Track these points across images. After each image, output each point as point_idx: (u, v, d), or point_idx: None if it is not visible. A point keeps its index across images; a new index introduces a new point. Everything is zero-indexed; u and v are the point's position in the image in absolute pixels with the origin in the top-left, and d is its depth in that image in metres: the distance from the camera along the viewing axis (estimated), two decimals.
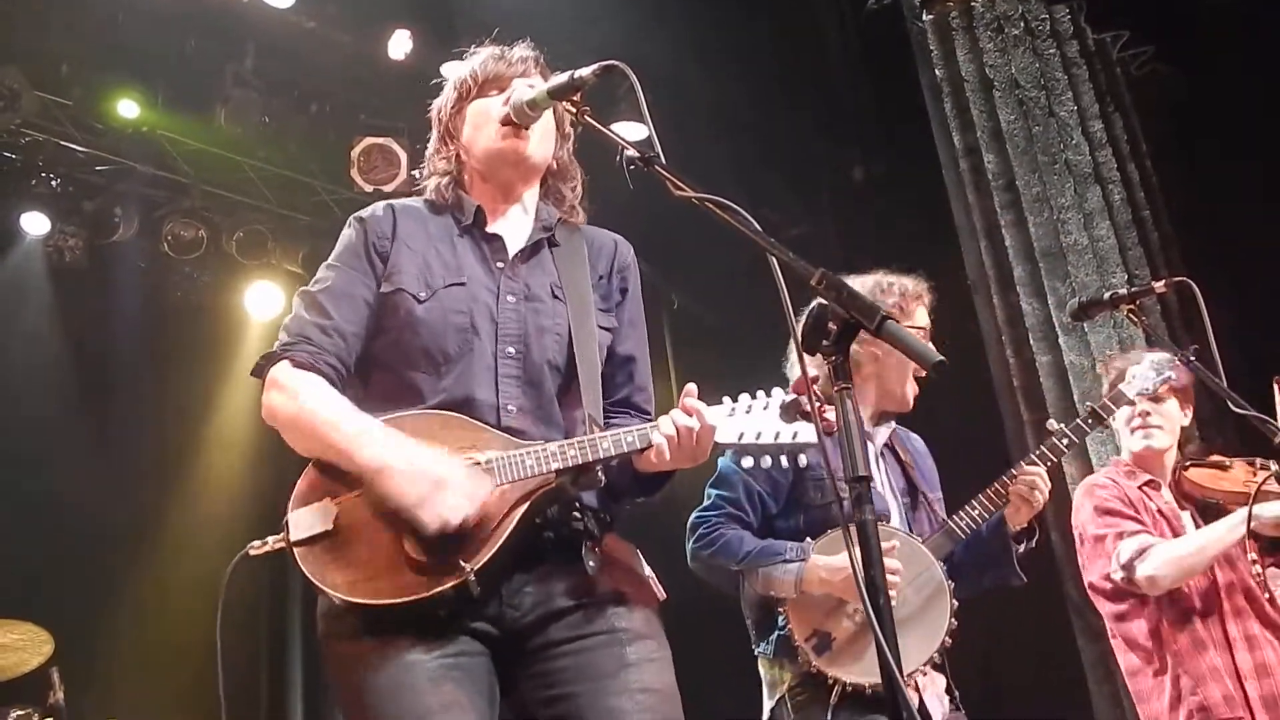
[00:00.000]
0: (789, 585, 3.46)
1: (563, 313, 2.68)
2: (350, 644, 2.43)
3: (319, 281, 2.69)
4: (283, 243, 8.87)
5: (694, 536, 3.64)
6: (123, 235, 8.40)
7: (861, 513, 2.01)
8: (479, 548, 2.38)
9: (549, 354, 2.64)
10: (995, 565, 3.69)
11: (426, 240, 2.72)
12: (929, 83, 7.67)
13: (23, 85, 7.29)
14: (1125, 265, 6.92)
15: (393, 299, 2.63)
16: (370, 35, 7.89)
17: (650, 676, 2.48)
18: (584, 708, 2.41)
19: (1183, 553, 3.93)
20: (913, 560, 3.47)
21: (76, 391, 8.51)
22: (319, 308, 2.63)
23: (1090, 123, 7.26)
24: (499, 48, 2.84)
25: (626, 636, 2.50)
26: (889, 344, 2.00)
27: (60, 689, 5.71)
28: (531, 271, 2.73)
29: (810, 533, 3.54)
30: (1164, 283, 3.96)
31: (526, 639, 2.48)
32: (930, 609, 3.45)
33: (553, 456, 2.46)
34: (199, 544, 8.34)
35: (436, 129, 2.89)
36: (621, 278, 2.86)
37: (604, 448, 2.47)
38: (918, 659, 3.37)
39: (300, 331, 2.60)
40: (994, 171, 7.27)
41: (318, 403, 2.51)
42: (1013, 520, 3.62)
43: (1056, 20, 7.48)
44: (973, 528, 3.59)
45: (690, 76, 7.88)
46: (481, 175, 2.80)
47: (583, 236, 2.86)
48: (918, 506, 3.73)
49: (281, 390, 2.55)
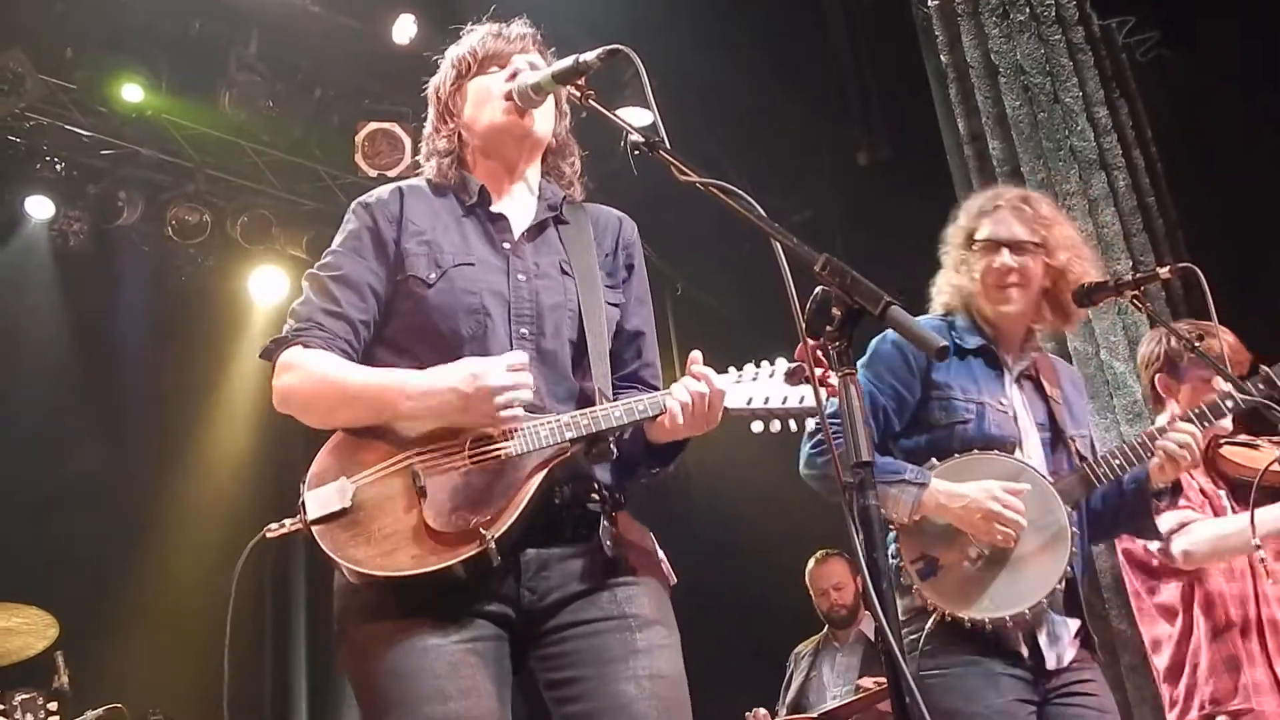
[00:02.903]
0: (904, 508, 3.28)
1: (572, 289, 2.69)
2: (368, 624, 2.43)
3: (328, 267, 2.68)
4: (287, 227, 8.88)
5: (812, 442, 3.42)
6: (127, 219, 8.41)
7: (865, 498, 2.01)
8: (498, 516, 2.39)
9: (562, 331, 2.65)
10: (1130, 519, 3.58)
11: (434, 221, 2.70)
12: (934, 68, 7.64)
13: (27, 69, 7.29)
14: (1130, 251, 6.89)
15: (404, 285, 2.63)
16: (375, 19, 7.88)
17: (659, 663, 2.49)
18: (591, 692, 2.43)
19: (1222, 532, 3.92)
20: (1039, 503, 3.33)
21: (81, 376, 8.53)
22: (329, 294, 2.63)
23: (1095, 109, 7.23)
24: (496, 25, 2.83)
25: (636, 623, 2.51)
26: (893, 330, 2.01)
27: (65, 673, 5.73)
28: (539, 250, 2.73)
29: (934, 454, 3.40)
30: (1169, 269, 3.94)
31: (540, 621, 2.49)
32: (1047, 553, 3.31)
33: (567, 426, 2.48)
34: (204, 528, 8.37)
35: (435, 107, 2.87)
36: (627, 254, 2.87)
37: (617, 415, 2.49)
38: (1024, 602, 3.24)
39: (310, 317, 2.61)
40: (999, 157, 7.25)
41: (344, 370, 2.53)
42: (1157, 477, 3.45)
43: (1062, 6, 7.44)
44: (1110, 478, 3.46)
45: (695, 62, 7.87)
46: (483, 152, 2.79)
47: (587, 214, 2.86)
48: (1058, 444, 3.56)
49: (296, 370, 2.56)
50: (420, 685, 2.34)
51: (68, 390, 8.36)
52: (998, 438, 3.42)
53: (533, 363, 2.57)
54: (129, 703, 5.92)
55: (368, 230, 2.69)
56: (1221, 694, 3.85)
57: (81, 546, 7.69)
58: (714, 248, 8.14)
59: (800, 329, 2.10)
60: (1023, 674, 3.25)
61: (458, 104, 2.81)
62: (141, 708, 6.19)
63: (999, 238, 3.54)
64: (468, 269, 2.63)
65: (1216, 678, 3.87)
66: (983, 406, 3.44)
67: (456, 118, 2.81)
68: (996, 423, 3.44)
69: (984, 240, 3.55)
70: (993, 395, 3.48)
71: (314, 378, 2.52)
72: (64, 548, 7.55)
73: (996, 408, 3.46)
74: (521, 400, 2.43)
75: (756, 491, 7.76)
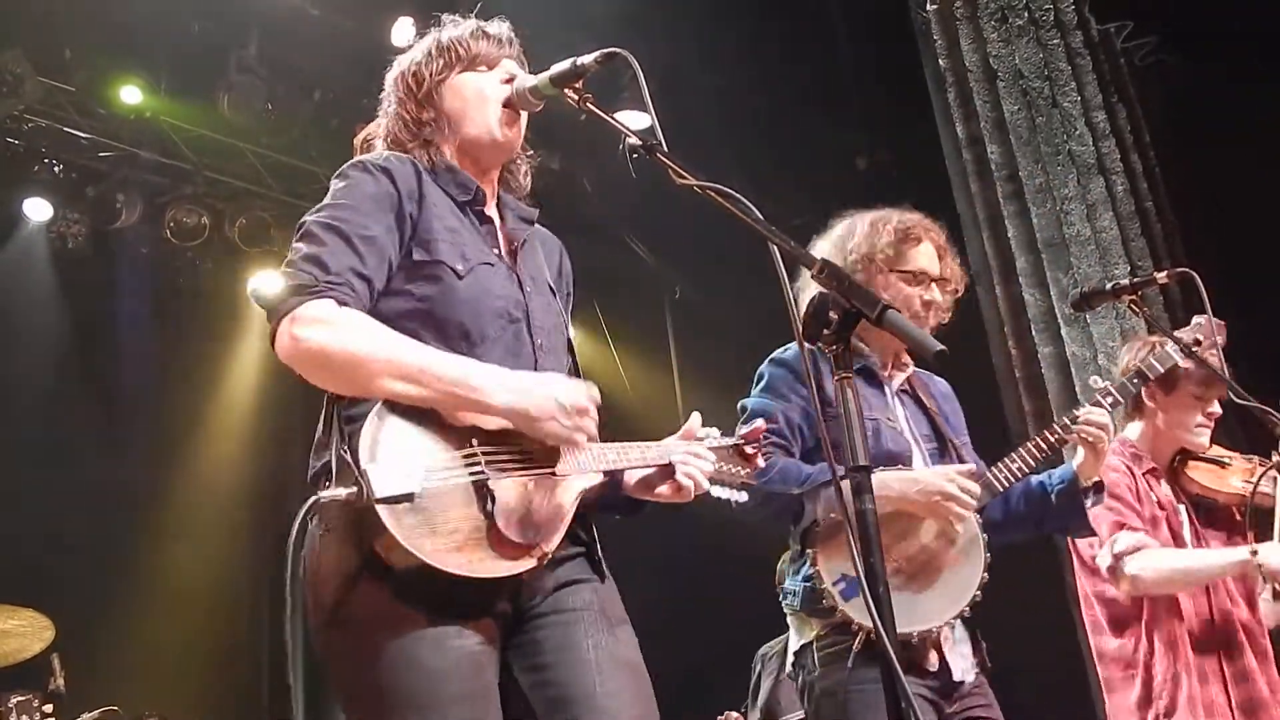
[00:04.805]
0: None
1: (558, 306, 2.70)
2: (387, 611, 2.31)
3: (352, 223, 2.44)
4: (285, 230, 8.87)
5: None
6: (125, 221, 8.42)
7: (861, 502, 2.01)
8: (552, 533, 2.39)
9: (558, 347, 2.65)
10: (1060, 518, 3.52)
11: (448, 208, 2.60)
12: (933, 72, 7.66)
13: (26, 70, 7.30)
14: (1128, 256, 6.91)
15: (430, 269, 2.48)
16: (374, 22, 7.87)
17: (631, 653, 2.51)
18: (563, 680, 2.42)
19: (1175, 565, 3.86)
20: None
21: (79, 377, 8.53)
22: (358, 253, 2.41)
23: (1094, 113, 7.25)
24: (477, 23, 2.75)
25: (611, 615, 2.53)
26: (890, 333, 2.01)
27: (61, 675, 5.73)
28: (526, 262, 2.69)
29: None
30: (1166, 274, 3.94)
31: (526, 615, 2.49)
32: (962, 563, 3.29)
33: (599, 458, 2.49)
34: (201, 530, 8.38)
35: (414, 89, 2.72)
36: (568, 281, 2.86)
37: (634, 456, 2.53)
38: (942, 615, 3.23)
39: (344, 271, 2.37)
40: (997, 162, 7.27)
41: (400, 339, 2.36)
42: (1083, 472, 3.42)
43: (1060, 11, 7.46)
44: (1012, 480, 3.44)
45: (693, 65, 7.88)
46: (461, 150, 2.70)
47: (536, 233, 2.81)
48: (945, 453, 3.54)
49: (332, 326, 2.31)
50: (448, 685, 2.30)
51: (65, 392, 8.36)
52: (894, 453, 3.40)
53: None
54: (125, 705, 5.92)
55: (389, 196, 2.50)
56: (1174, 708, 3.77)
57: (78, 549, 7.69)
58: (712, 252, 8.14)
59: (797, 334, 2.10)
60: (928, 693, 3.20)
61: (442, 94, 2.70)
62: (137, 710, 6.18)
63: (930, 272, 3.55)
64: (488, 269, 2.56)
65: (1169, 691, 3.78)
66: (876, 423, 3.42)
67: (437, 107, 2.70)
68: (891, 438, 3.42)
69: (913, 270, 3.54)
70: (882, 412, 3.47)
71: (362, 338, 2.31)
72: (61, 550, 7.54)
73: (888, 424, 3.45)
74: (590, 431, 2.43)
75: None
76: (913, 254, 3.55)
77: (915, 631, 3.18)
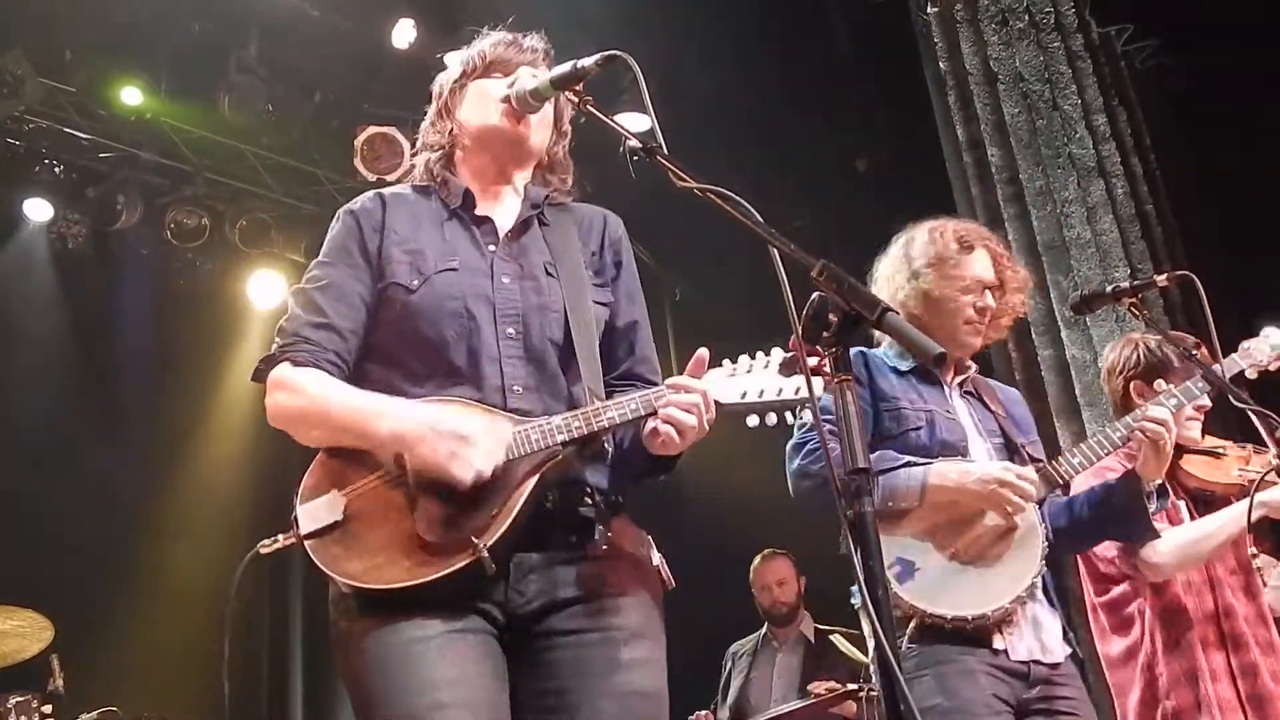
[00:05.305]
0: (913, 493, 3.26)
1: (557, 290, 2.67)
2: (357, 620, 2.42)
3: (313, 280, 2.66)
4: (285, 231, 8.89)
5: (800, 454, 3.38)
6: (126, 222, 8.42)
7: (860, 505, 2.01)
8: (490, 523, 2.38)
9: (549, 332, 2.63)
10: (1122, 522, 3.55)
11: (416, 227, 2.70)
12: (933, 75, 7.66)
13: (26, 71, 7.30)
14: (1128, 259, 6.91)
15: (387, 293, 2.62)
16: (374, 23, 7.89)
17: (641, 679, 2.48)
18: (572, 705, 2.41)
19: (1188, 539, 3.87)
20: None
21: (79, 379, 8.53)
22: (314, 306, 2.61)
23: (1094, 116, 7.25)
24: (511, 34, 2.84)
25: (623, 636, 2.48)
26: (889, 335, 2.01)
27: (60, 676, 5.73)
28: (524, 251, 2.71)
29: None
30: (1166, 277, 3.94)
31: (525, 626, 2.47)
32: (1019, 550, 3.30)
33: (557, 429, 2.46)
34: (201, 531, 8.37)
35: (435, 103, 2.87)
36: (614, 251, 2.85)
37: (609, 416, 2.48)
38: (1004, 597, 3.23)
39: (297, 331, 2.59)
40: (997, 165, 7.26)
41: (327, 391, 2.52)
42: (1145, 473, 3.44)
43: (1061, 14, 7.46)
44: (1071, 474, 3.45)
45: (693, 68, 7.88)
46: (474, 153, 2.79)
47: (571, 214, 2.85)
48: (1011, 451, 3.54)
49: (284, 388, 2.54)
50: (406, 677, 2.33)
51: (65, 393, 8.36)
52: (951, 444, 3.43)
53: (522, 364, 2.57)
54: (124, 706, 5.92)
55: (353, 238, 2.68)
56: (1184, 707, 3.77)
57: (78, 550, 7.69)
58: (713, 254, 8.13)
59: (797, 335, 2.10)
60: (1001, 674, 3.22)
61: (456, 102, 2.82)
62: (136, 710, 6.18)
63: (984, 279, 3.59)
64: (450, 274, 2.62)
65: (1178, 691, 3.78)
66: (932, 414, 3.46)
67: (452, 116, 2.82)
68: (947, 429, 3.45)
69: (972, 278, 3.58)
70: (939, 405, 3.50)
71: (301, 399, 2.52)
72: (60, 551, 7.54)
73: (945, 415, 3.48)
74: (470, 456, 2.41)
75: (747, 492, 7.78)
76: (967, 260, 3.60)
77: (987, 611, 3.21)
